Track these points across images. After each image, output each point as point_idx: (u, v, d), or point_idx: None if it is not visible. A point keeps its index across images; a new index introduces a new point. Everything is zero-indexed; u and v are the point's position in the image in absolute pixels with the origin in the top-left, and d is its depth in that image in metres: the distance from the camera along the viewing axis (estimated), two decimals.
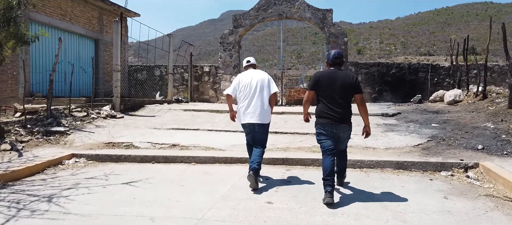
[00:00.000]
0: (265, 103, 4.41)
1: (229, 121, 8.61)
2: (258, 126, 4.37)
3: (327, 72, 3.99)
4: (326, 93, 3.85)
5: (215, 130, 7.46)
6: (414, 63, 12.15)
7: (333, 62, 4.00)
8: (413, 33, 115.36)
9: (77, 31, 11.54)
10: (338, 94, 3.81)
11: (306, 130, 7.31)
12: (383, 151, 5.89)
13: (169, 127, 7.78)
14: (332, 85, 3.84)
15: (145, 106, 9.93)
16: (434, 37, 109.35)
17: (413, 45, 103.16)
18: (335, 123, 3.81)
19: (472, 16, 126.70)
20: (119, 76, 8.96)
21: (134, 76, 14.27)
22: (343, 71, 4.01)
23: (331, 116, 3.81)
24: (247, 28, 13.47)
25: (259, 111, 4.35)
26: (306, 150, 6.04)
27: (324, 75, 3.95)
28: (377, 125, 7.74)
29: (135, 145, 6.47)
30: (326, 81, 3.87)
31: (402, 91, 12.16)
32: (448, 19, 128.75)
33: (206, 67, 13.86)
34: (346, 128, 3.89)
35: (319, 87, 3.89)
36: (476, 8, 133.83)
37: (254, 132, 4.40)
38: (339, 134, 3.89)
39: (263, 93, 4.41)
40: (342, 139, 3.98)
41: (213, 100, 13.67)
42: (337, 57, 3.98)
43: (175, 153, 5.85)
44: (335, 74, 3.90)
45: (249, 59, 4.77)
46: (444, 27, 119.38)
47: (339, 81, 3.83)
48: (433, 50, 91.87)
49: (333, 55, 4.01)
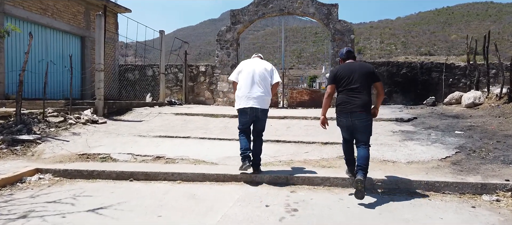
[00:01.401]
0: (267, 90, 4.50)
1: (225, 127, 7.71)
2: (262, 112, 4.45)
3: (344, 65, 4.17)
4: (345, 83, 3.98)
5: (208, 138, 6.53)
6: (426, 62, 11.23)
7: (347, 56, 4.23)
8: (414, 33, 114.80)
9: (60, 27, 10.61)
10: (358, 83, 3.93)
11: (311, 138, 6.38)
12: (405, 165, 4.96)
13: (156, 134, 6.84)
14: (351, 75, 3.98)
15: (132, 110, 8.99)
16: (434, 37, 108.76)
17: (413, 45, 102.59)
18: (350, 112, 3.91)
19: (472, 16, 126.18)
20: (103, 76, 8.02)
21: (125, 76, 13.34)
22: (359, 62, 4.24)
23: (348, 104, 3.93)
24: (246, 25, 12.53)
25: (262, 97, 4.42)
26: (314, 164, 5.11)
27: (342, 68, 4.12)
28: (393, 132, 6.80)
29: (113, 157, 5.54)
30: (345, 72, 4.02)
31: (414, 93, 11.23)
32: (449, 19, 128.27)
33: (202, 67, 12.92)
34: (362, 115, 3.90)
35: (339, 79, 4.03)
36: (476, 8, 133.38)
37: (257, 119, 4.47)
38: (355, 122, 3.93)
39: (266, 81, 4.50)
40: (359, 129, 3.95)
41: (209, 102, 12.74)
42: (350, 51, 4.27)
43: (158, 168, 4.92)
44: (352, 65, 4.10)
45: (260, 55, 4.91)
46: (444, 27, 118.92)
47: (357, 71, 3.99)
48: (433, 50, 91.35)
49: (346, 50, 4.29)
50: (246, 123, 4.50)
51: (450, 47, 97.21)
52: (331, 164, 5.04)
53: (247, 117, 4.46)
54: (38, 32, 10.02)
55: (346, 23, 11.63)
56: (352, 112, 3.88)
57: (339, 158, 5.31)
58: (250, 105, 4.39)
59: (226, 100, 12.47)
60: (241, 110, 4.46)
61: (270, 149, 5.78)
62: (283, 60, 12.47)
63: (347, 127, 4.00)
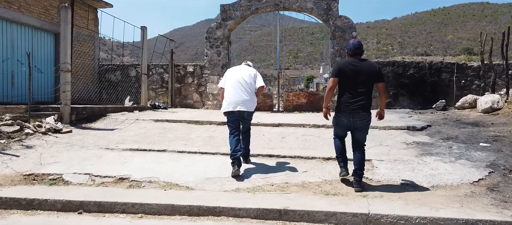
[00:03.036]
0: (252, 95, 4.75)
1: (209, 138, 6.63)
2: (247, 114, 4.74)
3: (350, 60, 4.01)
4: (348, 81, 3.92)
5: (188, 152, 5.47)
6: (436, 62, 10.23)
7: (354, 52, 4.04)
8: (410, 33, 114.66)
9: (30, 22, 9.49)
10: (361, 83, 3.89)
11: (311, 151, 5.35)
12: (430, 191, 3.93)
13: (127, 146, 5.77)
14: (355, 74, 3.90)
15: (107, 116, 7.91)
16: (431, 37, 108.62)
17: (410, 45, 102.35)
18: (353, 112, 3.90)
19: (468, 16, 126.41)
20: (69, 77, 6.94)
21: (106, 77, 12.23)
22: (366, 61, 4.06)
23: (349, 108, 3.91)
24: (238, 21, 11.48)
25: (248, 101, 4.69)
26: (314, 188, 4.07)
27: (347, 63, 3.98)
28: (406, 144, 5.78)
29: (66, 179, 4.47)
30: (350, 69, 3.92)
31: (422, 96, 10.23)
32: (445, 19, 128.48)
33: (190, 67, 11.83)
34: (365, 116, 3.94)
35: (343, 75, 3.94)
36: (472, 9, 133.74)
37: (243, 121, 4.78)
38: (357, 122, 3.94)
39: (251, 86, 4.77)
40: (360, 128, 4.00)
41: (198, 105, 11.66)
42: (358, 47, 4.04)
43: (118, 195, 3.86)
44: (358, 63, 3.96)
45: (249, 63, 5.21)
46: (441, 27, 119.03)
47: (363, 70, 3.90)
48: (430, 51, 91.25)
49: (353, 45, 4.07)
50: (234, 122, 4.73)
51: (447, 47, 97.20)
52: (337, 190, 4.01)
53: (235, 116, 4.70)
54: (2, 27, 8.91)
55: (348, 19, 10.62)
56: (355, 113, 3.89)
57: (345, 179, 4.28)
58: (237, 109, 4.65)
59: (216, 103, 11.41)
60: (228, 112, 4.72)
61: (260, 169, 4.74)
62: (278, 60, 11.44)
63: (347, 126, 4.02)
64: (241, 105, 4.63)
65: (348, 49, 4.11)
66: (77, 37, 11.00)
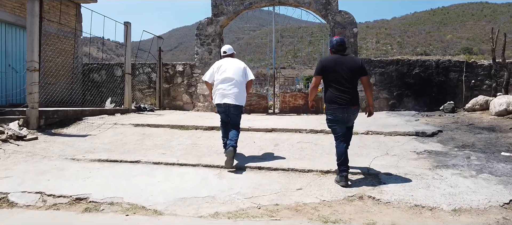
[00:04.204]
0: (241, 88, 4.74)
1: (192, 145, 5.86)
2: (233, 108, 4.69)
3: (333, 57, 4.07)
4: (333, 77, 3.96)
5: (165, 163, 4.72)
6: (444, 61, 9.49)
7: (336, 49, 4.08)
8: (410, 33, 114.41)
9: (2, 18, 8.72)
10: (345, 78, 3.93)
11: (307, 162, 4.61)
12: (452, 217, 3.19)
13: (96, 156, 5.02)
14: (339, 69, 3.94)
15: (82, 120, 7.15)
16: (430, 37, 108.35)
17: (409, 45, 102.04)
18: (346, 106, 3.92)
19: (468, 16, 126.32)
20: (37, 77, 6.18)
21: (90, 77, 11.46)
22: (348, 56, 4.18)
23: (342, 100, 3.92)
24: (231, 17, 10.73)
25: (235, 94, 4.66)
26: (311, 213, 3.32)
27: (330, 60, 4.04)
28: (417, 153, 5.05)
29: (12, 199, 3.71)
30: (333, 65, 3.97)
31: (428, 97, 9.49)
32: (444, 19, 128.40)
33: (179, 66, 11.07)
34: (355, 110, 4.02)
35: (326, 71, 3.99)
36: (471, 8, 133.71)
37: (230, 114, 4.74)
38: (350, 116, 4.02)
39: (240, 79, 4.74)
40: (351, 120, 4.09)
41: (188, 107, 10.90)
42: (341, 44, 4.09)
43: (67, 223, 3.11)
44: (341, 59, 4.01)
45: (225, 50, 5.10)
46: (440, 27, 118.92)
47: (345, 65, 3.96)
48: (429, 50, 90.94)
49: (336, 41, 4.11)
50: (222, 114, 4.81)
51: (446, 47, 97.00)
52: (338, 215, 3.26)
53: (222, 108, 4.74)
54: None
55: (348, 14, 9.88)
56: (347, 108, 3.93)
57: (348, 199, 3.55)
58: (224, 101, 4.65)
59: (207, 105, 10.66)
60: (217, 104, 4.77)
61: (247, 183, 4.01)
62: (274, 58, 10.70)
63: (343, 121, 4.01)
64: (228, 98, 4.65)
65: (331, 46, 4.13)
66: (58, 34, 10.25)
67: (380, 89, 9.71)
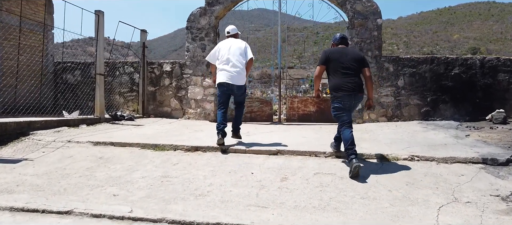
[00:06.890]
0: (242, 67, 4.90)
1: (161, 179, 3.32)
2: (237, 88, 4.90)
3: (336, 48, 4.25)
4: (338, 66, 4.06)
5: (109, 217, 2.96)
6: (491, 59, 7.66)
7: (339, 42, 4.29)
8: (416, 33, 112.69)
9: None
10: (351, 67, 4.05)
11: (336, 220, 2.82)
12: None
13: (10, 202, 3.27)
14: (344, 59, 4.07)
15: (29, 135, 5.42)
16: (437, 36, 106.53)
17: (415, 44, 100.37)
18: (353, 93, 4.01)
19: (475, 15, 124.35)
20: None
21: (64, 78, 9.75)
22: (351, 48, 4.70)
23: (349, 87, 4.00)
24: (228, 6, 8.97)
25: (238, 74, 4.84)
26: None
27: (334, 51, 4.20)
28: (501, 198, 3.23)
29: None
30: (337, 55, 4.11)
31: (470, 103, 7.65)
32: (451, 18, 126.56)
33: (167, 66, 9.30)
34: (361, 97, 4.13)
35: (330, 61, 4.10)
36: (478, 8, 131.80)
37: (234, 95, 5.01)
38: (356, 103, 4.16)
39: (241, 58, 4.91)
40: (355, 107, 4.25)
41: (177, 114, 9.13)
42: (343, 38, 4.31)
43: None
44: (345, 50, 4.20)
45: (229, 30, 5.31)
46: (446, 27, 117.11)
47: (350, 55, 4.12)
48: (436, 50, 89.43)
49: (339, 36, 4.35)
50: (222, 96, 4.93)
51: (453, 47, 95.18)
52: None
53: (223, 89, 4.88)
54: None
55: (371, 1, 8.07)
56: (355, 94, 4.02)
57: None
58: (226, 80, 4.82)
59: (200, 112, 8.90)
60: (219, 84, 4.88)
61: None
62: (279, 55, 8.92)
63: (350, 108, 4.11)
64: (230, 77, 4.82)
65: (334, 40, 4.33)
66: (22, 27, 8.56)
67: (410, 94, 7.88)
